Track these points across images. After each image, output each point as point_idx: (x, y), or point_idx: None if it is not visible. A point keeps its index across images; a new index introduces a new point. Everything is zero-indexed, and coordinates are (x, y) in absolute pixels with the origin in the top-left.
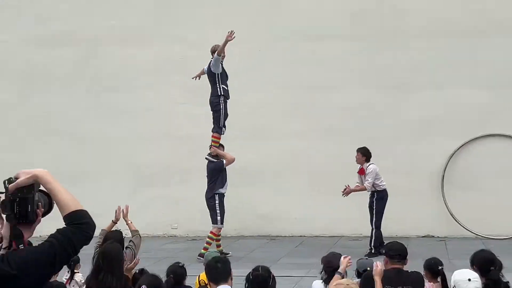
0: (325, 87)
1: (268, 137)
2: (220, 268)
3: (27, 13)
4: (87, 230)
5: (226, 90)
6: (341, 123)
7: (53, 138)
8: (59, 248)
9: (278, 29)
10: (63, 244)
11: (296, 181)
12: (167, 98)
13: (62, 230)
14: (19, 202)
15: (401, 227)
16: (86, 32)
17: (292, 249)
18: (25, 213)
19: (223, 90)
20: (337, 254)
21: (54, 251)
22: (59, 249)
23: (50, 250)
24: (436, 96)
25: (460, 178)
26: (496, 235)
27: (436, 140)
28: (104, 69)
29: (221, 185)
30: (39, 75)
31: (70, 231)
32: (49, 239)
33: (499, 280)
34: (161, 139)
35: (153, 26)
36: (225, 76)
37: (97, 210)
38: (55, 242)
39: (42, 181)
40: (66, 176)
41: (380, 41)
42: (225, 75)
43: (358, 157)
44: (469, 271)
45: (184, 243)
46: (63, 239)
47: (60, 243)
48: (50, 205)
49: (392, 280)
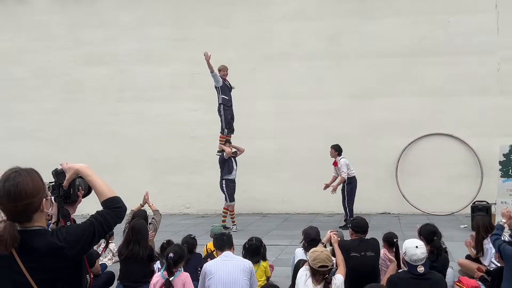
0: (305, 96)
1: (261, 136)
2: (225, 239)
3: (66, 38)
4: (120, 213)
5: (226, 99)
6: (318, 124)
7: (89, 138)
8: (97, 226)
9: (268, 51)
10: (101, 223)
11: (283, 170)
12: (181, 106)
13: (101, 212)
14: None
15: (364, 205)
16: (116, 53)
17: (280, 223)
18: (68, 195)
19: (222, 99)
20: (314, 227)
21: (93, 228)
22: (98, 227)
23: (90, 227)
24: (391, 103)
25: (410, 167)
26: (438, 212)
27: (391, 137)
28: (130, 82)
29: (228, 172)
30: (76, 88)
31: (107, 213)
32: (90, 218)
33: (440, 246)
34: (177, 139)
35: (169, 48)
36: (226, 88)
37: (126, 194)
38: (94, 221)
39: (82, 173)
40: (99, 167)
41: (348, 59)
42: (226, 87)
43: (332, 152)
44: (416, 240)
45: (195, 219)
46: (101, 219)
47: (99, 222)
48: (89, 189)
49: (357, 247)
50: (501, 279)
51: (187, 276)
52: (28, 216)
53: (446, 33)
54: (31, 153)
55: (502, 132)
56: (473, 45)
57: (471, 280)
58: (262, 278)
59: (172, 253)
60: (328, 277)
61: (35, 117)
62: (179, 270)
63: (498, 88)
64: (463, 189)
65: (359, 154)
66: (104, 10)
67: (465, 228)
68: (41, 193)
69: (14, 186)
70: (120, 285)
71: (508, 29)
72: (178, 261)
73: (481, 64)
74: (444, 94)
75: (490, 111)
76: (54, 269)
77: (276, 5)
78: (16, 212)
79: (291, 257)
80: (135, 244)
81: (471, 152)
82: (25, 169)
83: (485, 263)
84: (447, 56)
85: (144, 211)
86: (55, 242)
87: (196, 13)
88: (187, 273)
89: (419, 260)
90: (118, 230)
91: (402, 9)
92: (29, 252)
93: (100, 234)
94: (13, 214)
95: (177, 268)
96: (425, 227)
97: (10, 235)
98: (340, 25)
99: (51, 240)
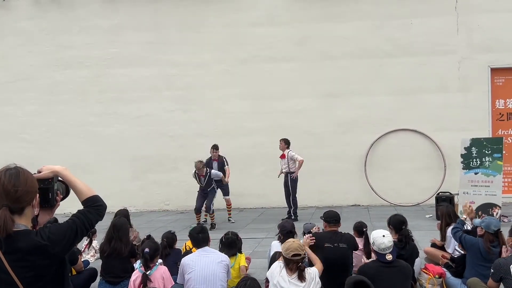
0: (278, 97)
1: (237, 134)
2: (200, 237)
3: (48, 43)
4: (101, 210)
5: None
6: (290, 122)
7: (70, 138)
8: (79, 224)
9: (241, 54)
10: (83, 221)
11: (258, 166)
12: (159, 107)
13: (82, 211)
14: (42, 191)
15: (335, 198)
16: (96, 57)
17: (256, 217)
18: (47, 200)
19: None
20: (289, 220)
21: (75, 226)
22: (80, 225)
23: (73, 226)
24: (358, 101)
25: (378, 161)
26: (404, 203)
27: (360, 133)
28: (110, 85)
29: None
30: (58, 90)
31: (88, 211)
32: (72, 217)
33: (408, 234)
34: (156, 138)
35: (146, 52)
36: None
37: (106, 193)
38: (76, 220)
39: (61, 175)
40: (81, 167)
41: (317, 61)
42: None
43: (282, 145)
44: (383, 230)
45: (174, 215)
46: (83, 217)
47: (81, 220)
48: (67, 192)
49: (330, 238)
50: (464, 265)
51: (166, 269)
52: (22, 206)
53: (409, 34)
54: (15, 154)
55: (462, 127)
56: (435, 46)
57: (436, 267)
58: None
59: (147, 248)
60: (302, 266)
61: (18, 119)
62: (156, 264)
63: (458, 85)
64: (427, 181)
65: (329, 150)
66: (84, 16)
67: (430, 217)
68: (36, 188)
69: (17, 172)
70: (102, 281)
71: (466, 29)
72: (154, 255)
73: (443, 63)
74: (409, 92)
75: (451, 107)
76: (38, 267)
77: (246, 11)
78: (15, 198)
79: (267, 249)
80: (117, 241)
81: (434, 146)
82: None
83: (449, 251)
84: (410, 57)
85: (126, 210)
86: (39, 240)
87: (172, 19)
88: (165, 267)
89: (387, 249)
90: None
91: (367, 13)
92: (14, 252)
93: (83, 232)
94: (11, 200)
95: (153, 263)
96: (394, 217)
97: (6, 218)
98: (308, 29)
99: (35, 239)
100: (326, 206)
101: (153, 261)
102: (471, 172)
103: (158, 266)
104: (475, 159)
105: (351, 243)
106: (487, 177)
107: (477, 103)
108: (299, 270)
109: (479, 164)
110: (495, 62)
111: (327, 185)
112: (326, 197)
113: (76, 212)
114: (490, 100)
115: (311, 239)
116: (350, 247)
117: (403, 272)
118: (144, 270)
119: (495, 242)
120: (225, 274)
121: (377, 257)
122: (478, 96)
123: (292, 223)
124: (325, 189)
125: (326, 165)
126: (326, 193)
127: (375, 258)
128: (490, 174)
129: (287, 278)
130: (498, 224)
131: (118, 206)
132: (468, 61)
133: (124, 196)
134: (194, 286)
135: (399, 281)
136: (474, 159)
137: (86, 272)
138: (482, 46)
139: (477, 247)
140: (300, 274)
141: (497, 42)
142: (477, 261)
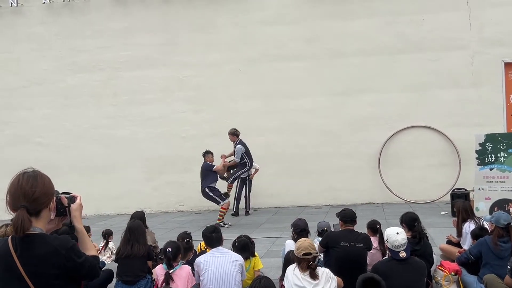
0: (289, 95)
1: (250, 133)
2: (214, 236)
3: (61, 47)
4: (97, 272)
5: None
6: (303, 121)
7: (85, 141)
8: (89, 263)
9: (251, 53)
10: (90, 264)
11: (272, 165)
12: (172, 108)
13: (90, 260)
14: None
15: (349, 196)
16: (109, 60)
17: (270, 217)
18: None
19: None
20: (303, 219)
21: (88, 263)
22: (89, 263)
23: (88, 258)
24: (371, 99)
25: (392, 159)
26: (419, 200)
27: (373, 131)
28: (123, 87)
29: (212, 181)
30: (72, 94)
31: (95, 265)
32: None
33: (421, 231)
34: (169, 139)
35: (158, 54)
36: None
37: (121, 193)
38: (90, 258)
39: (73, 214)
40: (96, 169)
41: (328, 59)
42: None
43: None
44: (397, 228)
45: (189, 216)
46: (93, 262)
47: (91, 263)
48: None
49: (346, 237)
50: (480, 262)
51: (190, 269)
52: (39, 208)
53: (421, 30)
54: (30, 157)
55: (476, 122)
56: (447, 41)
57: (452, 264)
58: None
59: (170, 248)
60: (313, 264)
61: (34, 123)
62: (179, 263)
63: (471, 80)
64: (442, 177)
65: (342, 148)
66: (96, 20)
67: (445, 214)
68: (53, 192)
69: (34, 175)
70: (119, 282)
71: (479, 24)
72: (176, 254)
73: (455, 58)
74: (421, 88)
75: (465, 102)
76: (52, 273)
77: (256, 10)
78: (32, 199)
79: (281, 248)
80: (134, 243)
81: (448, 142)
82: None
83: (465, 248)
84: (422, 53)
85: (142, 212)
86: (57, 248)
87: (182, 20)
88: (189, 266)
89: (401, 246)
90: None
91: (377, 10)
92: (29, 257)
93: (87, 270)
94: (28, 201)
95: (176, 262)
96: (406, 215)
97: (24, 218)
98: (318, 27)
99: (52, 245)
100: (341, 205)
101: (175, 260)
102: (486, 168)
103: (181, 265)
104: (490, 154)
105: (367, 243)
106: (502, 172)
107: (491, 98)
108: (311, 269)
109: (494, 160)
110: (508, 56)
111: (341, 183)
112: (340, 195)
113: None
114: (504, 94)
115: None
116: (365, 247)
117: (417, 270)
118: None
119: (505, 238)
120: (239, 274)
121: (391, 254)
122: (492, 91)
123: (305, 221)
124: (339, 187)
125: (339, 163)
126: (340, 191)
127: (389, 255)
128: (506, 170)
129: (300, 276)
130: (508, 218)
131: (132, 207)
132: (481, 56)
133: (138, 197)
134: (209, 286)
135: (413, 278)
136: (489, 155)
137: (102, 273)
138: (495, 41)
139: (485, 245)
140: (311, 272)
141: (511, 36)
142: (491, 261)
